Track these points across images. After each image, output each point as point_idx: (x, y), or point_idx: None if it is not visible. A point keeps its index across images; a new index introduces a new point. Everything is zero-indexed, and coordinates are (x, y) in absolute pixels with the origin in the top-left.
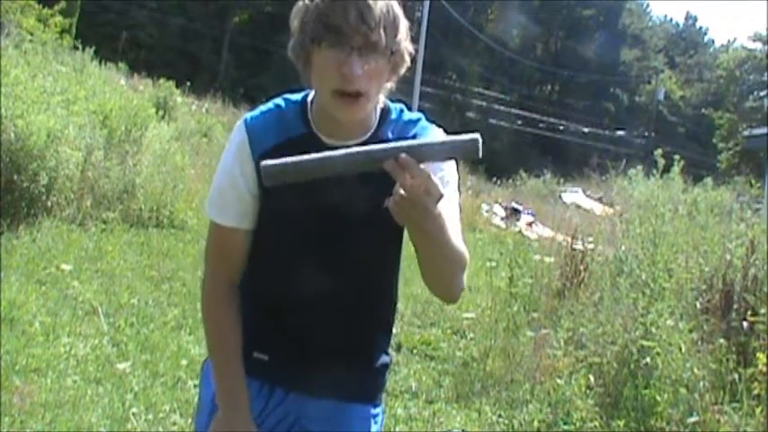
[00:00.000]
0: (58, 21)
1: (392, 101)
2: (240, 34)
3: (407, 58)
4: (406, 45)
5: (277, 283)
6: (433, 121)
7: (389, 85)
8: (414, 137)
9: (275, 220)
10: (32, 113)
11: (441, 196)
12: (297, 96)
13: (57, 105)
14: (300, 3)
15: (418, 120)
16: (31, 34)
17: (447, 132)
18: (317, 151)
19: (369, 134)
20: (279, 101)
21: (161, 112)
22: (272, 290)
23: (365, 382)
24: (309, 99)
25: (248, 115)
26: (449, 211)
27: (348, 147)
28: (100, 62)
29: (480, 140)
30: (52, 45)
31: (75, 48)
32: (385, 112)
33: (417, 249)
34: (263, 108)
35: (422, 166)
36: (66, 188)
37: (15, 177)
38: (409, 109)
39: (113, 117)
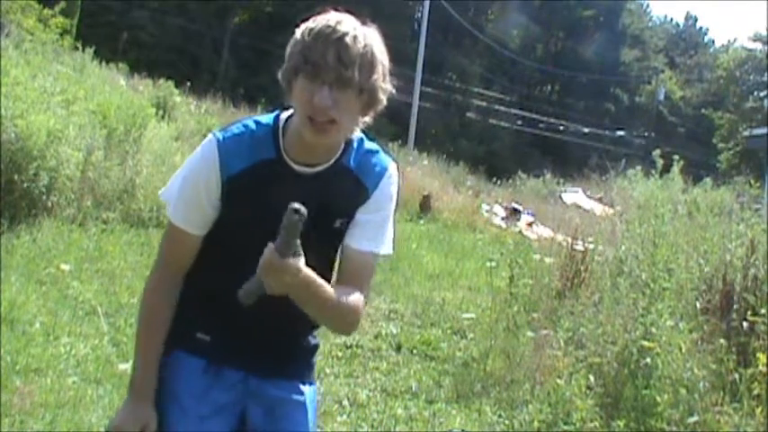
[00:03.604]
0: (59, 21)
1: (395, 102)
2: (240, 34)
3: (382, 97)
4: (380, 84)
5: (225, 279)
6: (386, 152)
7: (366, 119)
8: (374, 167)
9: (231, 228)
10: (32, 113)
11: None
12: (268, 119)
13: (57, 105)
14: (296, 34)
15: (377, 152)
16: (32, 34)
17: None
18: (285, 174)
19: (332, 161)
20: (251, 123)
21: (161, 113)
22: (220, 284)
23: (299, 362)
24: (282, 121)
25: (220, 134)
26: (364, 260)
27: (314, 171)
28: (100, 62)
29: (293, 207)
30: (52, 45)
31: (76, 48)
32: (348, 141)
33: None
34: (234, 129)
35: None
36: (67, 188)
37: (15, 177)
38: (400, 117)
39: (113, 117)
